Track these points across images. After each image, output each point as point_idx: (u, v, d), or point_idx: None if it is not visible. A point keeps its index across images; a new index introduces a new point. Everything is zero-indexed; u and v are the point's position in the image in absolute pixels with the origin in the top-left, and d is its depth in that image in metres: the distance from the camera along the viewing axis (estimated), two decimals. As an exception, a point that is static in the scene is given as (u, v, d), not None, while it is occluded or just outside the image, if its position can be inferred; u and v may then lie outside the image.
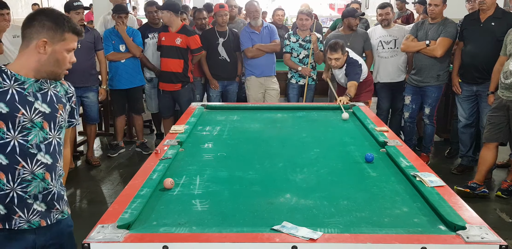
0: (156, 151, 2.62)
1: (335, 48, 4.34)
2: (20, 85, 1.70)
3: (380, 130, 3.07)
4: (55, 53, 1.72)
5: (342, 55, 4.38)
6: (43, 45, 1.69)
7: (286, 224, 1.73)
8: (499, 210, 3.90)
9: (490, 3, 4.22)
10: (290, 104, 4.84)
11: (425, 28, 4.64)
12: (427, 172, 2.27)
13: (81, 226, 3.47)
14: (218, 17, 5.15)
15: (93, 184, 4.53)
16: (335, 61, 4.38)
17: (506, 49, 3.89)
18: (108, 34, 4.98)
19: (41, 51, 1.70)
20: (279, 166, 2.53)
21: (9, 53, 4.90)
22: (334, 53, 4.35)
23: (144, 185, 2.12)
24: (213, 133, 3.20)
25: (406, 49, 4.78)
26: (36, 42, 1.70)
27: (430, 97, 4.70)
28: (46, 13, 1.73)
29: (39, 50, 1.70)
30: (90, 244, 1.61)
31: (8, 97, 1.67)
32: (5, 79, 1.68)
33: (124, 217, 1.79)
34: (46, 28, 1.69)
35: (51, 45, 1.71)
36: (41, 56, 1.71)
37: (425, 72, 4.65)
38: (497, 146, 4.02)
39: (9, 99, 1.67)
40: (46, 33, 1.70)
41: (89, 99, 4.75)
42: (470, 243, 1.61)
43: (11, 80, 1.69)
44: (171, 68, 4.96)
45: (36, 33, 1.70)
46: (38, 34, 1.69)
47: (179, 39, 4.91)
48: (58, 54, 1.73)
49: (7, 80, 1.69)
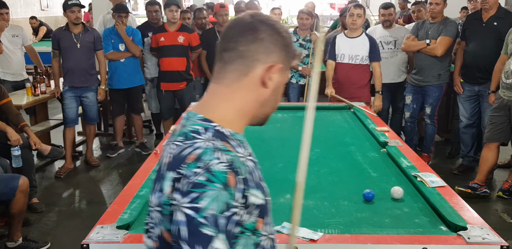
0: (156, 151, 2.61)
1: (359, 5, 4.37)
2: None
3: (380, 130, 3.06)
4: (280, 85, 1.10)
5: (364, 15, 4.33)
6: (276, 72, 1.05)
7: (286, 225, 1.72)
8: (500, 210, 3.89)
9: (493, 3, 4.20)
10: (290, 104, 4.83)
11: (426, 28, 4.63)
12: (428, 172, 2.26)
13: (80, 226, 3.49)
14: (219, 17, 5.14)
15: (92, 184, 4.52)
16: (357, 17, 4.26)
17: (507, 48, 3.88)
18: (107, 33, 4.96)
19: (269, 83, 1.05)
20: (279, 166, 2.52)
21: (9, 53, 4.91)
22: (358, 8, 4.28)
23: (144, 185, 2.11)
24: (213, 133, 3.18)
25: (407, 48, 4.77)
26: (262, 69, 1.04)
27: (431, 97, 4.69)
28: (270, 22, 1.06)
29: (266, 81, 1.05)
30: (89, 244, 1.60)
31: (257, 176, 1.05)
32: (236, 147, 1.02)
33: (123, 218, 1.78)
34: (279, 46, 1.06)
35: (281, 73, 1.08)
36: (264, 92, 1.07)
37: (426, 71, 4.64)
38: (498, 146, 4.01)
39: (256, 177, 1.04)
40: (280, 54, 1.06)
41: (88, 99, 4.73)
42: (471, 243, 1.61)
43: (241, 147, 1.05)
44: (175, 67, 4.94)
45: (265, 53, 1.04)
46: (267, 56, 1.04)
47: (182, 37, 4.90)
48: (281, 87, 1.11)
49: (239, 148, 1.04)
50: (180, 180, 0.94)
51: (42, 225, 3.62)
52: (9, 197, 3.03)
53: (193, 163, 0.95)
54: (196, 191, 0.92)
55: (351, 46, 4.40)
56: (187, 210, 0.91)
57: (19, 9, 11.40)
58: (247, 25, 1.05)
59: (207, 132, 1.00)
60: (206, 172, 0.93)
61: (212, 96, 1.07)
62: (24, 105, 4.44)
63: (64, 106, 4.69)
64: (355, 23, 4.29)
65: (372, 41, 4.39)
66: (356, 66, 4.40)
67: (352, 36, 4.40)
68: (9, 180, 3.06)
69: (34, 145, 3.68)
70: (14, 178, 3.12)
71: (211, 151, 0.96)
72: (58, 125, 4.97)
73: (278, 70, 1.05)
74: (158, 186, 1.01)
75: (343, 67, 4.45)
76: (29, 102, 4.53)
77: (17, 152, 3.51)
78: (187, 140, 1.00)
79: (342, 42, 4.46)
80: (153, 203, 1.03)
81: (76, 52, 4.56)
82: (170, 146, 1.04)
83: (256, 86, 1.05)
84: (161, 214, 1.00)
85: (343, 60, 4.43)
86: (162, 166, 1.03)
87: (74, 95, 4.65)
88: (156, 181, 1.03)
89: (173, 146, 1.02)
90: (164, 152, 1.06)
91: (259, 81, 1.04)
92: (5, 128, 3.54)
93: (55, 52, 4.63)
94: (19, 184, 3.05)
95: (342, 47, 4.44)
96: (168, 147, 1.04)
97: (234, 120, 1.06)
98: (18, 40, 5.00)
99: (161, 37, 4.92)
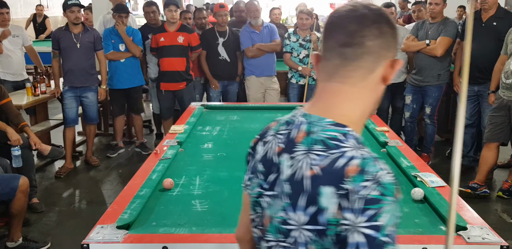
0: (156, 151, 2.61)
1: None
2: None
3: (380, 130, 3.06)
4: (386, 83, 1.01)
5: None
6: (397, 67, 0.99)
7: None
8: (500, 210, 3.89)
9: (492, 3, 4.21)
10: (290, 104, 4.83)
11: (425, 28, 4.63)
12: (428, 172, 2.26)
13: (80, 226, 3.49)
14: (218, 17, 5.14)
15: (92, 184, 4.52)
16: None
17: (507, 49, 3.88)
18: (108, 33, 4.96)
19: (390, 79, 0.99)
20: (279, 166, 2.52)
21: (9, 53, 4.90)
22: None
23: (144, 185, 2.11)
24: (213, 133, 3.19)
25: (407, 49, 4.77)
26: (385, 65, 0.97)
27: (431, 97, 4.69)
28: (385, 14, 0.99)
29: (389, 77, 0.99)
30: (90, 244, 1.61)
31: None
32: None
33: (123, 218, 1.78)
34: (395, 39, 0.99)
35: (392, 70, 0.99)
36: (382, 89, 1.01)
37: (425, 72, 4.64)
38: (498, 146, 4.01)
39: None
40: (395, 47, 1.00)
41: (88, 99, 4.74)
42: (471, 243, 1.61)
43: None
44: (176, 67, 4.94)
45: (387, 48, 0.97)
46: (388, 51, 0.97)
47: (181, 38, 4.91)
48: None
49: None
50: (348, 196, 0.85)
51: (42, 225, 3.63)
52: (9, 197, 3.03)
53: (358, 176, 0.87)
54: (372, 208, 0.84)
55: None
56: (366, 230, 0.83)
57: (19, 9, 11.40)
58: (368, 18, 0.95)
59: (348, 139, 0.93)
60: (377, 186, 0.86)
61: (334, 97, 0.98)
62: (24, 105, 4.44)
63: (64, 106, 4.69)
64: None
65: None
66: None
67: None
68: (9, 180, 3.06)
69: (34, 145, 3.68)
70: (14, 178, 3.12)
71: (371, 161, 0.89)
72: (58, 124, 4.97)
73: (399, 65, 0.98)
74: (303, 201, 0.90)
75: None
76: (29, 102, 4.53)
77: (17, 152, 3.51)
78: (330, 149, 0.91)
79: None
80: (297, 221, 0.91)
81: (76, 52, 4.56)
82: (302, 156, 0.93)
83: (378, 83, 0.99)
84: (317, 234, 0.89)
85: None
86: (301, 178, 0.92)
87: (74, 95, 4.65)
88: (295, 195, 0.92)
89: (314, 156, 0.92)
90: (289, 162, 0.95)
91: (381, 78, 0.98)
92: (5, 127, 3.54)
93: (55, 52, 4.63)
94: (19, 184, 3.05)
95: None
96: (297, 158, 0.94)
97: (358, 122, 0.99)
98: (18, 41, 5.00)
99: (161, 38, 4.92)
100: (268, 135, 1.06)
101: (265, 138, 1.06)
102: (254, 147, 1.09)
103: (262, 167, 1.03)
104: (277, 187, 0.97)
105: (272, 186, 0.98)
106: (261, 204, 1.02)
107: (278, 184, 0.97)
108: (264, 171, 1.02)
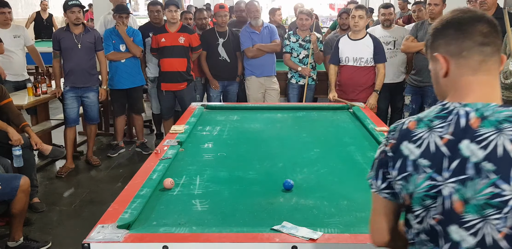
0: (156, 151, 2.62)
1: (361, 6, 4.33)
2: None
3: (380, 130, 3.07)
4: None
5: (366, 17, 4.28)
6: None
7: (286, 224, 1.73)
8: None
9: (491, 3, 4.21)
10: (290, 104, 4.84)
11: (425, 29, 4.64)
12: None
13: (81, 226, 3.50)
14: (218, 17, 5.15)
15: (93, 184, 4.53)
16: (358, 18, 4.21)
17: (506, 49, 3.88)
18: (108, 34, 4.98)
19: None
20: (279, 166, 2.53)
21: (10, 54, 4.91)
22: (359, 10, 4.22)
23: (144, 185, 2.12)
24: (213, 133, 3.20)
25: (407, 50, 4.78)
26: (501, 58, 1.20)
27: (430, 97, 4.70)
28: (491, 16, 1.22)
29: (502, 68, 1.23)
30: (90, 244, 1.61)
31: None
32: None
33: (124, 217, 1.79)
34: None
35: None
36: None
37: (425, 72, 4.64)
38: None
39: None
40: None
41: (89, 99, 4.75)
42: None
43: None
44: (176, 67, 4.95)
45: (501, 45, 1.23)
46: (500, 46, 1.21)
47: (182, 38, 4.92)
48: None
49: None
50: None
51: (43, 224, 3.64)
52: (10, 197, 3.04)
53: None
54: None
55: (355, 49, 4.39)
56: None
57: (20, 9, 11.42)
58: (491, 21, 1.17)
59: None
60: None
61: (485, 87, 1.16)
62: (25, 106, 4.45)
63: (65, 107, 4.70)
64: (357, 25, 4.28)
65: (376, 43, 4.39)
66: (360, 69, 4.40)
67: (356, 39, 4.40)
68: (11, 180, 3.07)
69: (35, 144, 3.69)
70: (16, 177, 3.13)
71: None
72: (59, 124, 4.98)
73: (504, 58, 1.20)
74: None
75: (348, 70, 4.45)
76: (30, 102, 4.54)
77: (18, 151, 3.52)
78: None
79: (346, 44, 4.45)
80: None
81: (77, 53, 4.57)
82: (495, 136, 1.08)
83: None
84: None
85: (348, 63, 4.44)
86: (505, 153, 1.06)
87: (75, 95, 4.66)
88: (503, 169, 1.06)
89: (509, 132, 1.07)
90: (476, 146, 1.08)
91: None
92: (6, 128, 3.56)
93: (55, 52, 4.64)
94: (20, 184, 3.07)
95: (346, 50, 4.44)
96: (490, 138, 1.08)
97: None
98: (20, 41, 5.02)
99: (161, 38, 4.92)
100: (414, 134, 1.16)
101: (410, 138, 1.16)
102: (395, 149, 1.18)
103: (427, 161, 1.12)
104: (469, 170, 1.08)
105: (458, 171, 1.09)
106: (442, 193, 1.11)
107: (469, 168, 1.08)
108: (431, 164, 1.12)
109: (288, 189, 2.16)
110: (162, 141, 2.89)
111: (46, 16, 10.09)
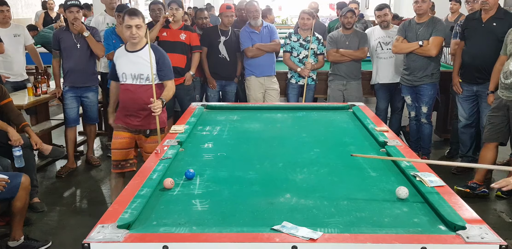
0: (156, 151, 2.62)
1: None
2: None
3: (380, 130, 3.07)
4: None
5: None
6: None
7: (286, 224, 1.73)
8: (499, 210, 3.90)
9: (493, 3, 4.21)
10: (290, 104, 4.84)
11: (414, 29, 4.64)
12: (427, 172, 2.27)
13: (81, 225, 3.50)
14: (224, 17, 5.16)
15: (93, 184, 4.53)
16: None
17: (507, 49, 3.89)
18: (109, 34, 4.97)
19: None
20: (279, 166, 2.53)
21: (10, 54, 4.91)
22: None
23: (144, 185, 2.12)
24: (213, 133, 3.20)
25: (399, 51, 4.75)
26: None
27: (426, 95, 4.70)
28: None
29: None
30: (90, 244, 1.61)
31: None
32: None
33: (124, 217, 1.79)
34: None
35: None
36: None
37: (419, 72, 4.65)
38: (497, 146, 4.02)
39: None
40: None
41: (89, 99, 4.75)
42: (470, 243, 1.61)
43: None
44: (176, 63, 4.92)
45: None
46: None
47: (184, 35, 4.92)
48: None
49: None
50: None
51: (43, 224, 3.64)
52: (12, 195, 3.05)
53: None
54: None
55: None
56: None
57: (20, 10, 11.41)
58: None
59: None
60: None
61: None
62: (25, 106, 4.45)
63: (65, 107, 4.70)
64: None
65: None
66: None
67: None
68: (12, 178, 3.08)
69: (35, 144, 3.69)
70: (17, 175, 3.14)
71: None
72: (59, 124, 4.98)
73: None
74: None
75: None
76: (30, 102, 4.55)
77: (19, 152, 3.52)
78: None
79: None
80: None
81: (77, 53, 4.57)
82: None
83: None
84: None
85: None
86: None
87: (75, 95, 4.66)
88: None
89: None
90: None
91: None
92: (6, 128, 3.56)
93: (55, 52, 4.64)
94: (21, 181, 3.07)
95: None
96: None
97: None
98: (20, 40, 5.01)
99: (163, 32, 4.92)
100: None
101: None
102: None
103: None
104: None
105: None
106: None
107: None
108: None
109: (190, 178, 2.26)
110: (162, 140, 2.89)
111: (54, 15, 10.09)
